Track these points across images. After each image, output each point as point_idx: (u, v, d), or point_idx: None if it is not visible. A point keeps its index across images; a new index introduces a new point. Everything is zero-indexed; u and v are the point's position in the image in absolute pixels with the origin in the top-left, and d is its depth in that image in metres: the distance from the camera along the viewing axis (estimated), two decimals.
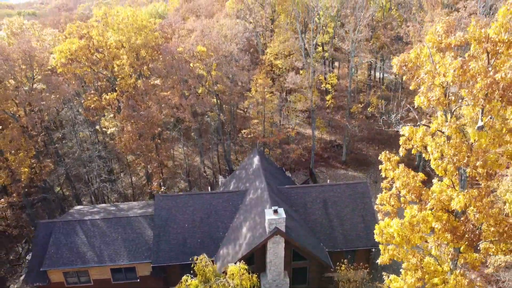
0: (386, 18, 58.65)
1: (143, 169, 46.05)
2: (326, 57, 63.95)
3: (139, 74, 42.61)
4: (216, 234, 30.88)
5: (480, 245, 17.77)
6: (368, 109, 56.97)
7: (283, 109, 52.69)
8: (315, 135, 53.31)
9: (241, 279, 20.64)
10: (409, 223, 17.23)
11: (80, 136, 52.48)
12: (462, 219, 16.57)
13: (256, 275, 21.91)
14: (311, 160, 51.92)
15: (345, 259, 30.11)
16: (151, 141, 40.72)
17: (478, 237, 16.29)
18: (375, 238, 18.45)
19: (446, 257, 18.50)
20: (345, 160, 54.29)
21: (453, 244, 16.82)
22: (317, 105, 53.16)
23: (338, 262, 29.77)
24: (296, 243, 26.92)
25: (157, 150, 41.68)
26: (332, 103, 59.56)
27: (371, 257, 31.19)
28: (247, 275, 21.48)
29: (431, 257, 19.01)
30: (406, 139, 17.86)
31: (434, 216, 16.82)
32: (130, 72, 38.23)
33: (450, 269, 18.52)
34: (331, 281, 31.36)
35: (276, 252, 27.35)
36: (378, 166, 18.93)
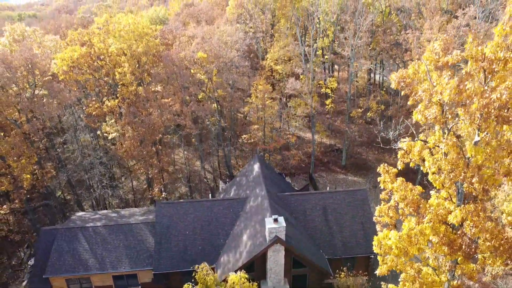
0: (386, 23, 58.93)
1: (144, 174, 46.31)
2: (326, 61, 64.23)
3: (140, 81, 42.86)
4: (217, 241, 31.18)
5: (478, 256, 18.04)
6: (368, 114, 57.28)
7: (283, 114, 52.98)
8: (315, 139, 53.61)
9: None
10: (407, 236, 17.53)
11: (82, 141, 52.69)
12: (459, 233, 16.86)
13: (257, 283, 22.26)
14: (311, 165, 52.22)
15: (345, 267, 30.43)
16: (152, 148, 41.00)
17: (474, 251, 16.58)
18: (374, 250, 18.75)
19: (444, 268, 18.82)
20: (345, 165, 54.60)
21: (450, 257, 17.12)
22: (317, 111, 53.46)
23: (338, 270, 30.09)
24: (296, 251, 27.23)
25: (158, 156, 41.97)
26: (332, 107, 59.88)
27: (371, 264, 31.49)
28: (248, 284, 21.84)
29: (429, 268, 19.33)
30: (404, 153, 18.22)
31: (432, 228, 17.11)
32: (132, 80, 38.54)
33: (448, 280, 18.82)
34: None
35: (276, 260, 27.67)
36: (378, 171, 19.14)
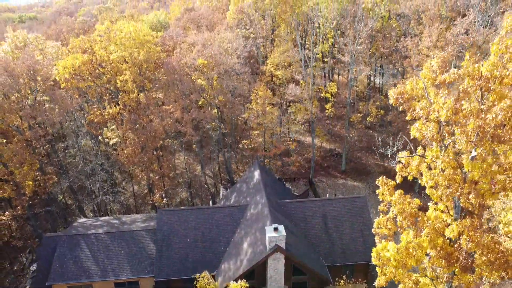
0: (386, 28, 59.28)
1: (145, 179, 46.62)
2: (326, 66, 64.53)
3: (142, 88, 43.18)
4: (218, 249, 31.47)
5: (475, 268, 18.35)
6: (368, 119, 57.59)
7: (283, 120, 53.30)
8: (315, 144, 53.92)
9: None
10: (405, 248, 17.83)
11: (83, 145, 52.99)
12: (456, 246, 17.18)
13: None
14: (311, 170, 52.53)
15: (344, 274, 30.72)
16: (153, 154, 41.30)
17: (471, 264, 16.89)
18: (373, 261, 19.04)
19: (442, 279, 19.12)
20: (345, 170, 54.92)
21: (447, 270, 17.43)
22: (317, 116, 53.77)
23: (337, 277, 30.38)
24: (296, 259, 27.52)
25: (159, 163, 42.28)
26: (332, 112, 60.18)
27: (370, 272, 31.77)
28: None
29: (427, 278, 19.63)
30: (403, 167, 18.56)
31: (430, 241, 17.42)
32: (133, 87, 38.88)
33: None
34: None
35: (277, 268, 27.96)
36: (377, 176, 19.48)
